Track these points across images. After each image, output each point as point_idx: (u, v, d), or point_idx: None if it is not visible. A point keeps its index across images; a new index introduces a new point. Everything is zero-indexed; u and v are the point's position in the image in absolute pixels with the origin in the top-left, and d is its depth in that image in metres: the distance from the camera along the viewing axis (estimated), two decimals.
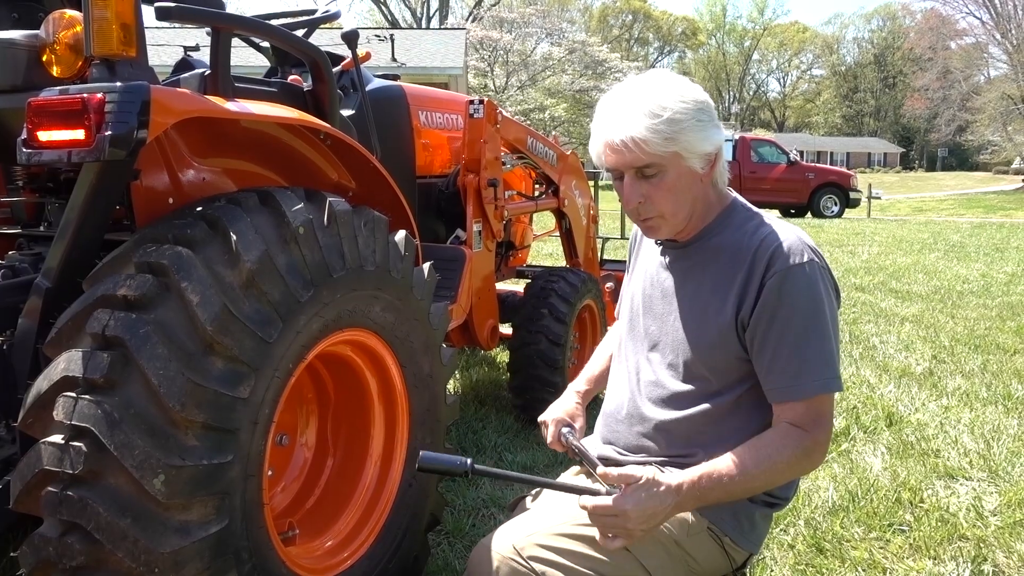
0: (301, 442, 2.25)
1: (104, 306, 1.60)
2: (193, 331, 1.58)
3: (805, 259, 1.64)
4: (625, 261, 2.10)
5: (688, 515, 1.68)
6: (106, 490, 1.51)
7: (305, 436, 2.26)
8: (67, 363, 1.57)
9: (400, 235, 2.17)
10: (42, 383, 1.60)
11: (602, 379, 2.02)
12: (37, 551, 1.55)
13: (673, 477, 1.57)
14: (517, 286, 4.26)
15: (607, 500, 1.52)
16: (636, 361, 1.84)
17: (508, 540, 1.70)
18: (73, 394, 1.54)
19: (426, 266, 2.29)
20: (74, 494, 1.50)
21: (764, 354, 1.64)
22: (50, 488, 1.52)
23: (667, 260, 1.82)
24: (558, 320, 3.70)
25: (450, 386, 2.44)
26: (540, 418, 1.93)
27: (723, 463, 1.60)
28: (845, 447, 3.55)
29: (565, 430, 1.84)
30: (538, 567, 1.65)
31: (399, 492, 2.21)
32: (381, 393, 2.21)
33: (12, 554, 1.64)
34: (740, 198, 1.81)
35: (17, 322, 1.88)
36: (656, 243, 1.85)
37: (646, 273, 1.86)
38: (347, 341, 2.03)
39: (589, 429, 1.93)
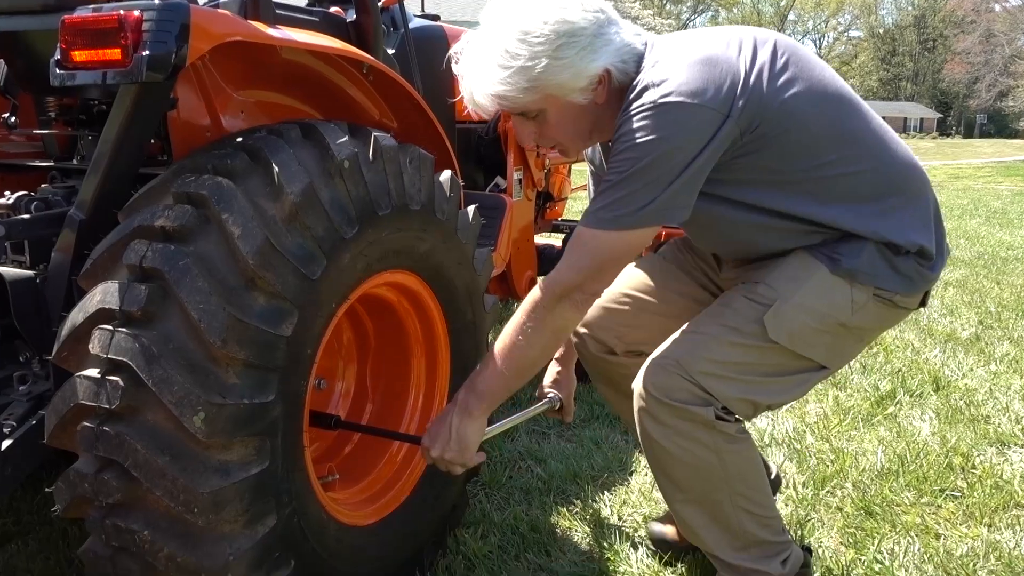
0: (339, 387, 2.19)
1: (141, 237, 1.53)
2: (234, 264, 1.50)
3: (651, 99, 1.55)
4: None
5: (850, 293, 1.73)
6: (144, 426, 1.45)
7: (344, 381, 2.20)
8: (103, 295, 1.50)
9: (445, 175, 2.08)
10: (77, 315, 1.53)
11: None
12: (72, 487, 1.50)
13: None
14: (554, 239, 4.16)
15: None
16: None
17: (672, 357, 1.76)
18: (109, 327, 1.47)
19: (470, 209, 2.20)
20: (110, 430, 1.44)
21: None
22: (86, 423, 1.47)
23: None
24: None
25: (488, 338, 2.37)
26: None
27: (486, 358, 1.78)
28: (891, 411, 3.44)
29: (549, 393, 2.14)
30: (707, 383, 1.72)
31: None
32: (423, 339, 2.14)
33: (47, 489, 1.59)
34: (659, 56, 1.65)
35: (50, 255, 1.83)
36: None
37: None
38: (390, 283, 1.95)
39: None
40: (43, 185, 2.09)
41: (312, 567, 1.68)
